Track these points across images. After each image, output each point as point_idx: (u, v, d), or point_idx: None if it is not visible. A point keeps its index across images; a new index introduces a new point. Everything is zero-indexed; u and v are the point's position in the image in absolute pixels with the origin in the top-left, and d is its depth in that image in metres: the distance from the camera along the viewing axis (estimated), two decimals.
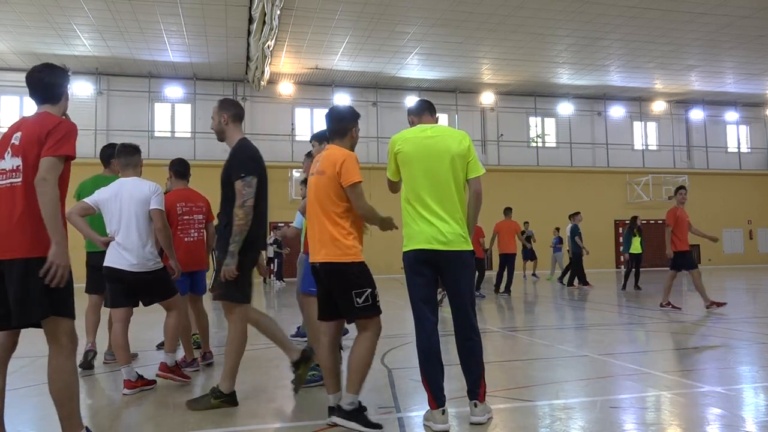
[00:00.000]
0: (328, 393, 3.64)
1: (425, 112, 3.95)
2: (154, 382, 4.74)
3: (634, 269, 14.49)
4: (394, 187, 3.91)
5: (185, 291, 5.52)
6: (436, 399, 3.54)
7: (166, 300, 4.87)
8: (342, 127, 3.83)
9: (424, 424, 3.62)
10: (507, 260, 13.90)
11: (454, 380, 4.14)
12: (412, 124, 3.97)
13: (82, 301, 4.56)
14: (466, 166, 3.72)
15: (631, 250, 14.72)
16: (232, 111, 4.32)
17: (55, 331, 3.00)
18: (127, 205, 4.68)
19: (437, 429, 3.50)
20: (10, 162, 3.02)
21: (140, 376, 4.68)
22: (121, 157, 4.96)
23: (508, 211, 14.63)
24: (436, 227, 3.60)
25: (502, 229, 14.19)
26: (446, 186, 3.65)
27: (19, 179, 2.99)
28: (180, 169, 5.78)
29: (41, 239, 2.91)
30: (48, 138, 2.97)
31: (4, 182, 3.03)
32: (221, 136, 4.31)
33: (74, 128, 3.08)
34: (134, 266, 4.63)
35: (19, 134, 3.07)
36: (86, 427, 3.16)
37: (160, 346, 6.40)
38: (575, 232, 15.52)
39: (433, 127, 3.81)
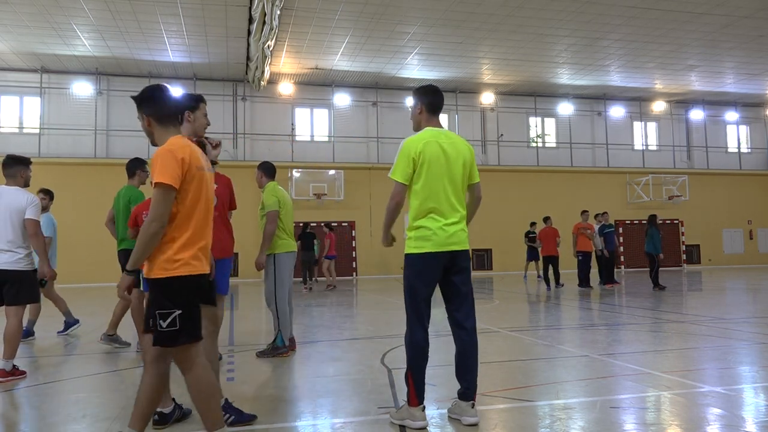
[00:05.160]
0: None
1: (438, 113, 3.95)
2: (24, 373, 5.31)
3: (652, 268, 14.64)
4: (405, 193, 3.76)
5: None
6: (419, 396, 3.62)
7: (30, 302, 5.41)
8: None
9: (398, 424, 3.63)
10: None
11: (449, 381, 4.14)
12: (419, 113, 3.91)
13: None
14: (469, 172, 3.87)
15: (650, 249, 14.76)
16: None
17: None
18: (3, 211, 5.29)
19: (418, 426, 3.56)
20: None
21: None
22: (5, 168, 5.51)
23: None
24: (452, 229, 3.71)
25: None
26: (460, 189, 3.81)
27: None
28: None
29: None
30: None
31: None
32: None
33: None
34: (6, 264, 5.21)
35: None
36: (225, 398, 3.70)
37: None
38: (602, 231, 15.53)
39: (445, 132, 3.87)
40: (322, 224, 18.58)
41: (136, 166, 6.73)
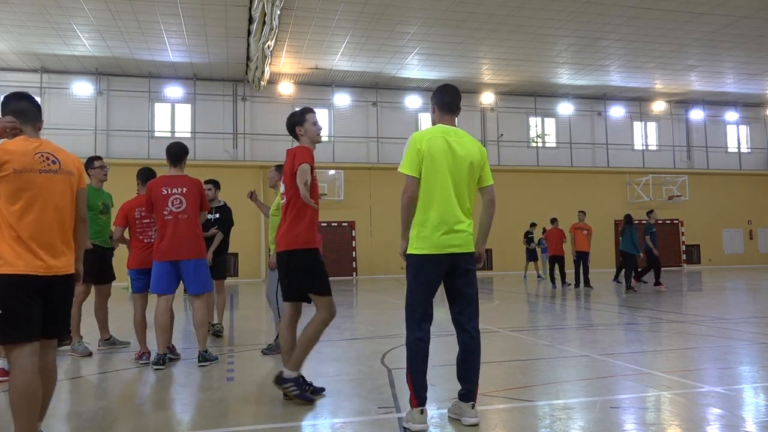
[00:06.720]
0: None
1: (450, 112, 3.90)
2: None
3: (631, 268, 14.13)
4: (416, 186, 3.65)
5: (143, 288, 6.07)
6: (418, 397, 3.56)
7: None
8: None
9: (403, 426, 3.61)
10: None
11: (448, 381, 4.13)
12: (433, 112, 3.91)
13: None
14: (479, 175, 3.78)
15: (629, 249, 14.14)
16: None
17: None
18: None
19: (415, 429, 3.50)
20: None
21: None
22: None
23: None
24: (454, 230, 3.63)
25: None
26: (465, 189, 3.71)
27: None
28: (146, 176, 6.35)
29: None
30: None
31: None
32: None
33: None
34: None
35: None
36: (301, 375, 4.25)
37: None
38: (648, 230, 14.89)
39: (455, 130, 3.80)
40: None
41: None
